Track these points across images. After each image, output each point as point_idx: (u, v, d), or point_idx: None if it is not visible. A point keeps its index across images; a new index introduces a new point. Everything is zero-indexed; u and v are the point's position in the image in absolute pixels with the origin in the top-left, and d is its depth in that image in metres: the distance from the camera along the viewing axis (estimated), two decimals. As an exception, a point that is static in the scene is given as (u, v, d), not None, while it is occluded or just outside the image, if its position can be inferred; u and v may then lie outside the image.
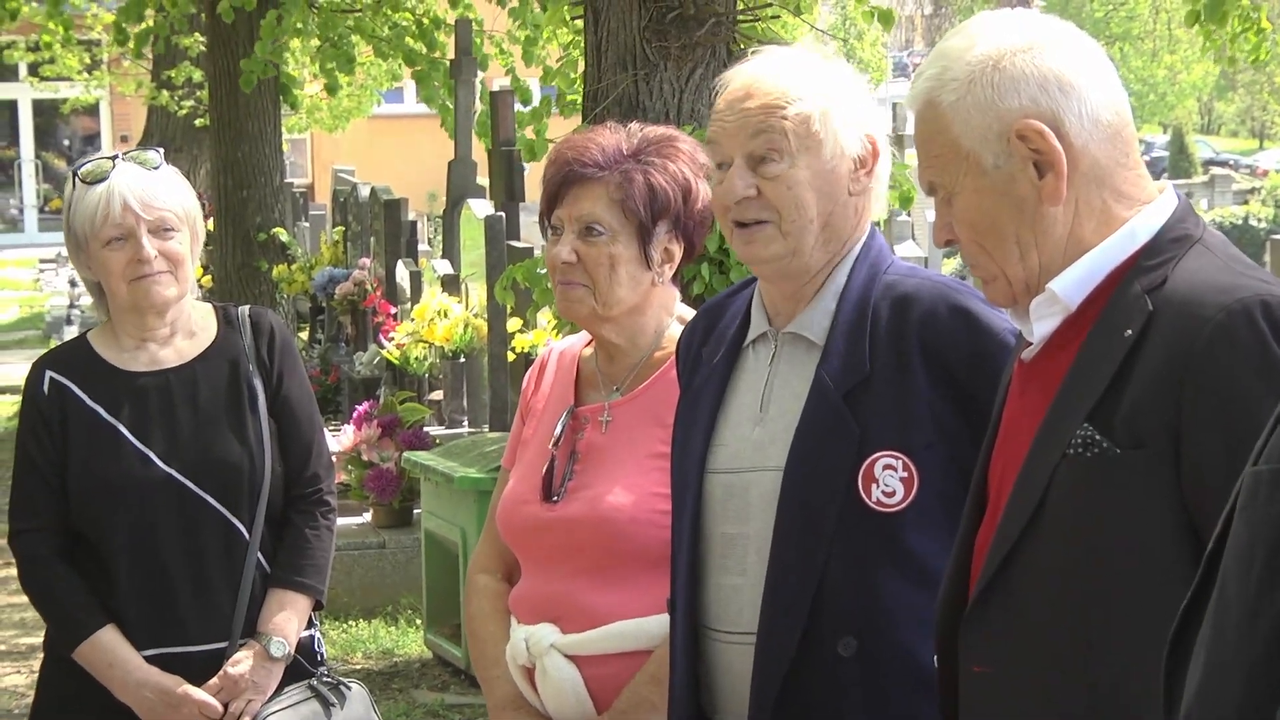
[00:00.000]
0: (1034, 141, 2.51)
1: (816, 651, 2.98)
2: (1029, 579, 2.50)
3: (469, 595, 3.86)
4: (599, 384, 3.70)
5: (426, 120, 17.02)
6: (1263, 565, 1.82)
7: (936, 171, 2.59)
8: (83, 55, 24.49)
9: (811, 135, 3.06)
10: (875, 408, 2.99)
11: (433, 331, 11.03)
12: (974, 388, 2.95)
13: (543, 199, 3.67)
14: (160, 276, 3.99)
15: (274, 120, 15.91)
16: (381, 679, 8.30)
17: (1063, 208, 2.53)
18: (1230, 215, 34.22)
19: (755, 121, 3.07)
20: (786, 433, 3.05)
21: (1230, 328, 2.38)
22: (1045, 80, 2.53)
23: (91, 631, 3.95)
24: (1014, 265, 2.56)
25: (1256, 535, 1.84)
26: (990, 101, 2.53)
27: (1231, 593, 1.85)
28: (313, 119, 25.24)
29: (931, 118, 2.58)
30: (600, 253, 3.58)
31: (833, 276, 3.11)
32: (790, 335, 3.12)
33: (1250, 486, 1.88)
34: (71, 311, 23.00)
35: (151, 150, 4.10)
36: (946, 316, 3.01)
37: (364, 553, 9.42)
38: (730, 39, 6.38)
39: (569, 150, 3.63)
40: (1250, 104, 59.33)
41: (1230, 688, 1.83)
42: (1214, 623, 1.88)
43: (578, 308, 3.62)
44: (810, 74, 3.11)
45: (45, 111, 36.65)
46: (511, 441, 3.84)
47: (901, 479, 2.97)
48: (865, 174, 3.10)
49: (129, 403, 4.02)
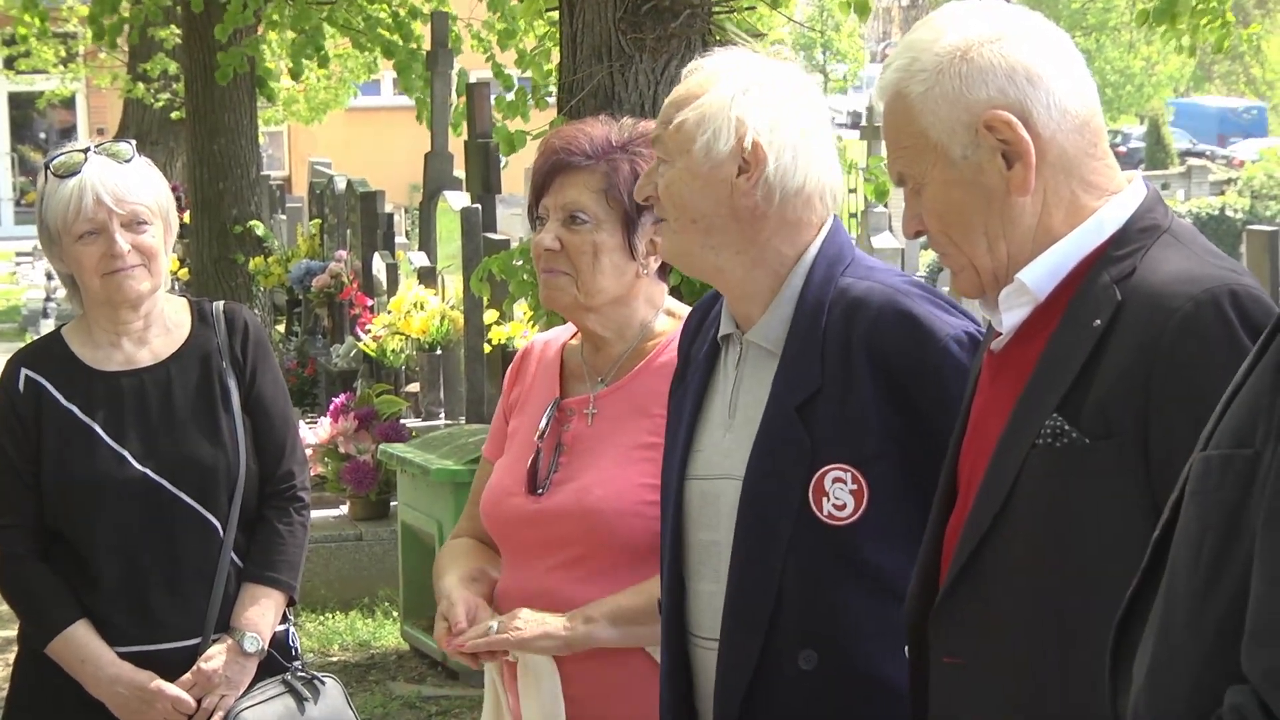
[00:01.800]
0: (1002, 132, 2.52)
1: (777, 664, 2.97)
2: (999, 569, 2.50)
3: (446, 545, 3.87)
4: (584, 376, 3.69)
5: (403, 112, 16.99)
6: (1211, 552, 1.83)
7: (905, 163, 2.59)
8: (59, 48, 24.45)
9: (685, 138, 3.05)
10: (826, 419, 2.97)
11: (409, 324, 11.02)
12: (916, 393, 2.94)
13: (531, 189, 3.66)
14: (133, 270, 3.98)
15: (250, 113, 15.88)
16: (358, 671, 8.30)
17: (1031, 198, 2.53)
18: (1207, 206, 34.26)
19: (657, 123, 3.14)
20: (749, 441, 3.04)
21: (1198, 317, 2.39)
22: (1013, 71, 2.53)
23: (64, 627, 3.95)
24: (982, 255, 2.56)
25: (1206, 522, 1.85)
26: (958, 92, 2.53)
27: (1181, 580, 1.86)
28: (289, 111, 25.19)
29: (900, 109, 2.58)
30: (583, 240, 3.56)
31: (789, 280, 3.07)
32: (752, 342, 3.11)
33: (1200, 472, 1.88)
34: (48, 304, 22.92)
35: (124, 143, 4.09)
36: (892, 322, 2.98)
37: (341, 545, 9.42)
38: (706, 31, 6.37)
39: (558, 140, 3.62)
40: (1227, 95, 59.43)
41: (1180, 674, 1.83)
42: (1163, 609, 1.88)
43: (560, 296, 3.61)
44: (704, 80, 3.09)
45: (21, 104, 36.54)
46: (493, 432, 3.83)
47: (851, 491, 2.94)
48: (747, 179, 3.04)
49: (104, 402, 4.02)
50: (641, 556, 3.44)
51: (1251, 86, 55.15)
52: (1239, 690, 1.77)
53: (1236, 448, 1.87)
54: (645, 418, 3.54)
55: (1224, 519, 1.84)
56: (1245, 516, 1.82)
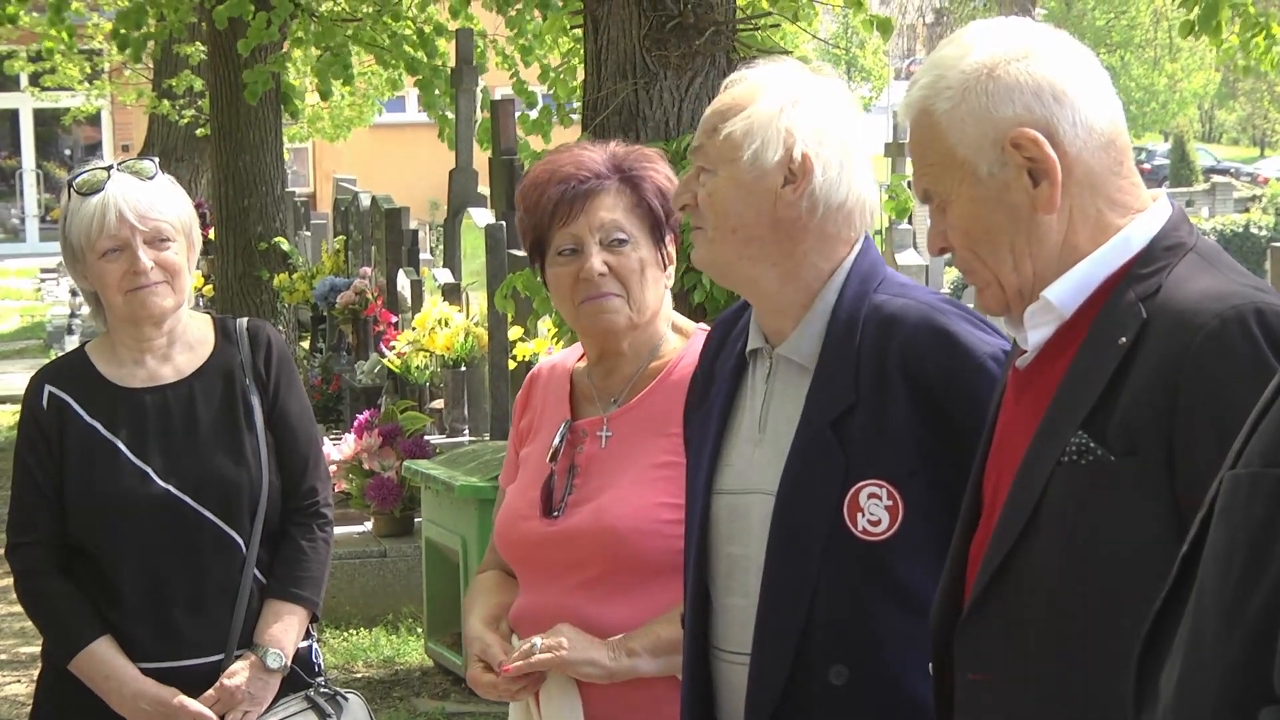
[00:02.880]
0: (1028, 150, 2.51)
1: (809, 679, 2.96)
2: (1024, 586, 2.49)
3: (472, 582, 3.85)
4: (594, 397, 3.67)
5: (428, 129, 17.02)
6: (1241, 568, 1.82)
7: (931, 180, 2.59)
8: (84, 65, 24.54)
9: (732, 148, 3.04)
10: (861, 435, 2.96)
11: (434, 340, 11.03)
12: (952, 411, 2.93)
13: (538, 225, 3.60)
14: (157, 287, 3.99)
15: (275, 129, 15.92)
16: (382, 688, 8.30)
17: (1057, 216, 2.53)
18: (1231, 223, 34.23)
19: (699, 134, 3.12)
20: (780, 456, 3.03)
21: (1224, 335, 2.38)
22: (1039, 89, 2.53)
23: (87, 643, 3.96)
24: (1008, 273, 2.56)
25: (1235, 538, 1.84)
26: (985, 110, 2.53)
27: (1210, 596, 1.85)
28: (314, 128, 25.27)
29: (926, 126, 2.58)
30: (630, 260, 3.56)
31: (821, 296, 3.07)
32: (783, 357, 3.10)
33: (1229, 489, 1.88)
34: (73, 321, 23.00)
35: (147, 160, 4.10)
36: (928, 339, 2.97)
37: (365, 561, 9.42)
38: (730, 48, 6.38)
39: (562, 168, 3.59)
40: (1251, 112, 59.37)
41: (1208, 691, 1.83)
42: (1192, 626, 1.88)
43: (615, 318, 3.58)
44: (751, 91, 3.08)
45: (47, 121, 36.65)
46: (507, 460, 3.82)
47: (887, 508, 2.94)
48: (793, 190, 3.04)
49: (127, 419, 4.02)
50: (660, 575, 3.44)
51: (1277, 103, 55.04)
52: (1272, 711, 1.76)
53: (1266, 466, 1.86)
54: (661, 437, 3.53)
55: (1253, 537, 1.83)
56: (1275, 535, 1.81)
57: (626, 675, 3.46)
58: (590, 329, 3.63)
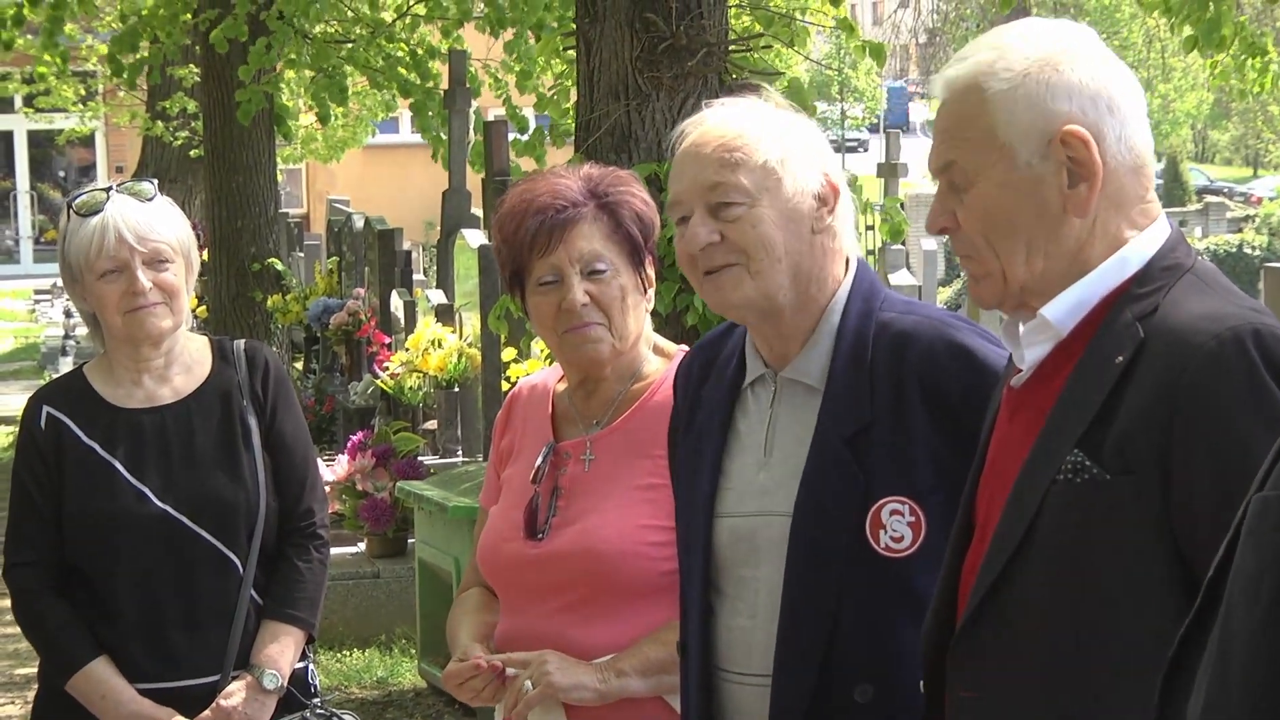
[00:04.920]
0: (1075, 149, 2.51)
1: (833, 698, 2.97)
2: (1018, 604, 2.50)
3: (455, 601, 3.85)
4: (575, 419, 3.68)
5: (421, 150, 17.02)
6: (1270, 592, 1.82)
7: (962, 154, 2.56)
8: (78, 86, 24.54)
9: (770, 175, 3.04)
10: (879, 453, 2.97)
11: (427, 361, 11.03)
12: (972, 426, 2.91)
13: (520, 250, 3.59)
14: (155, 308, 4.00)
15: (268, 151, 15.92)
16: (376, 709, 8.30)
17: (1082, 223, 2.53)
18: (1224, 243, 34.25)
19: (711, 170, 3.05)
20: (792, 478, 3.03)
21: (1221, 356, 2.39)
22: (1098, 95, 2.52)
23: (84, 663, 3.96)
24: (1017, 266, 2.55)
25: (1264, 562, 1.83)
26: (1041, 99, 2.52)
27: (1237, 621, 1.84)
28: (307, 149, 25.27)
29: (974, 101, 2.54)
30: (611, 289, 3.56)
31: (825, 317, 3.08)
32: (789, 379, 3.11)
33: (1258, 511, 1.87)
34: (67, 342, 22.99)
35: (145, 181, 4.12)
36: (945, 355, 2.99)
37: (358, 582, 9.42)
38: (722, 69, 6.40)
39: (538, 197, 3.58)
40: (1244, 132, 59.45)
41: (1233, 714, 1.82)
42: (1219, 651, 1.87)
43: (599, 348, 3.58)
44: (762, 119, 3.09)
45: (41, 142, 36.66)
46: (488, 481, 3.82)
47: (909, 524, 2.95)
48: (827, 212, 3.07)
49: (125, 440, 4.03)
50: (645, 597, 3.45)
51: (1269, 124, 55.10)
52: None
53: None
54: (645, 459, 3.53)
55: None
56: None
57: (617, 696, 3.46)
58: (574, 359, 3.63)
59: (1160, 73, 48.28)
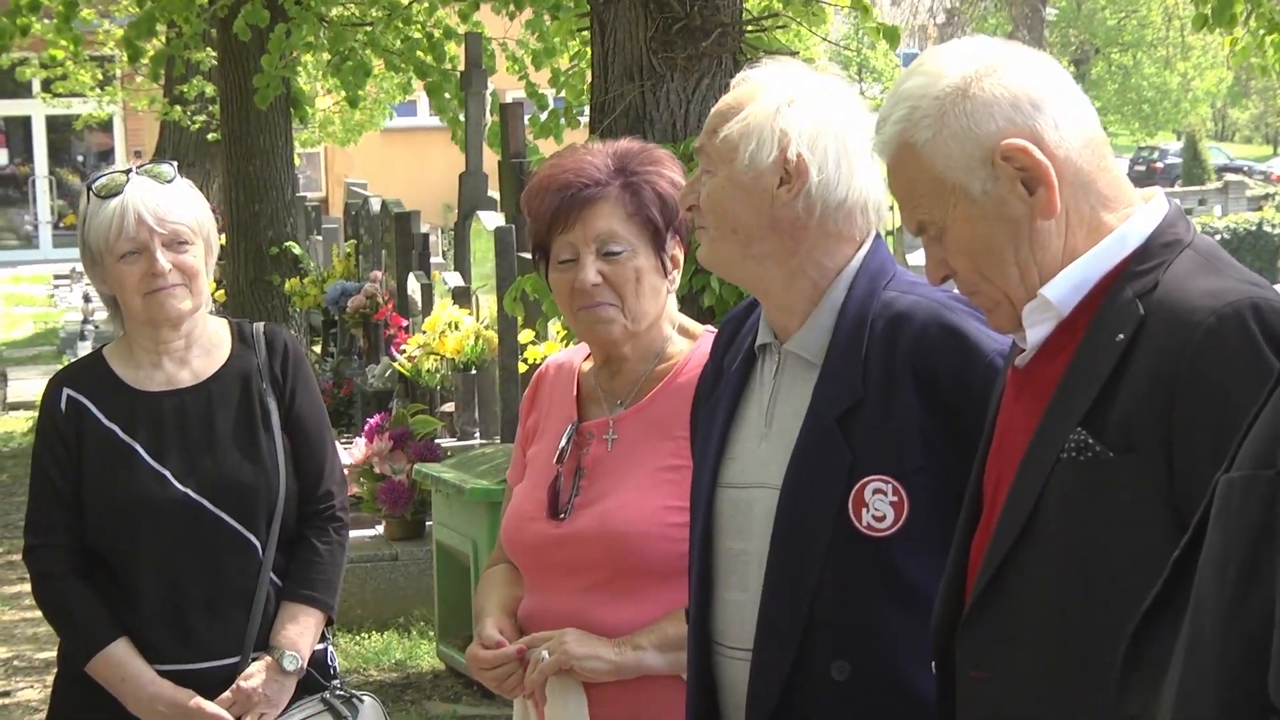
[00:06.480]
0: (1019, 160, 2.53)
1: (810, 674, 2.97)
2: (1025, 583, 2.51)
3: (483, 575, 3.85)
4: (600, 399, 3.68)
5: (439, 132, 17.03)
6: (1237, 574, 1.83)
7: (925, 211, 2.59)
8: (95, 71, 24.55)
9: (729, 149, 3.07)
10: (867, 431, 2.97)
11: (444, 344, 11.04)
12: (960, 408, 2.93)
13: (540, 230, 3.62)
14: (175, 290, 4.01)
15: (285, 134, 15.94)
16: (394, 691, 8.32)
17: (1055, 221, 2.54)
18: (1244, 221, 34.17)
19: (702, 139, 3.14)
20: (786, 451, 3.04)
21: (1221, 331, 2.40)
22: (1016, 99, 2.54)
23: (104, 645, 3.97)
24: (1015, 286, 2.57)
25: (1231, 543, 1.85)
26: (967, 130, 2.54)
27: (1207, 601, 1.86)
28: (325, 133, 25.28)
29: (909, 160, 2.58)
30: (625, 270, 3.56)
31: (829, 292, 3.09)
32: (791, 353, 3.12)
33: (1224, 493, 1.89)
34: (85, 327, 23.02)
35: (165, 164, 4.12)
36: (938, 336, 2.99)
37: (376, 565, 9.44)
38: (737, 49, 6.39)
39: (562, 174, 3.59)
40: (1264, 110, 59.26)
41: (1207, 697, 1.84)
42: (1190, 633, 1.88)
43: (610, 329, 3.59)
44: (755, 90, 3.11)
45: (59, 127, 36.67)
46: (515, 458, 3.83)
47: (891, 503, 2.95)
48: (788, 191, 3.06)
49: (145, 422, 4.04)
50: (666, 579, 3.45)
51: (1288, 102, 54.93)
52: None
53: (1259, 469, 1.87)
54: (667, 440, 3.54)
55: (1248, 542, 1.84)
56: (1270, 539, 1.83)
57: (634, 670, 3.47)
58: (588, 337, 3.65)
59: (1179, 51, 48.14)
